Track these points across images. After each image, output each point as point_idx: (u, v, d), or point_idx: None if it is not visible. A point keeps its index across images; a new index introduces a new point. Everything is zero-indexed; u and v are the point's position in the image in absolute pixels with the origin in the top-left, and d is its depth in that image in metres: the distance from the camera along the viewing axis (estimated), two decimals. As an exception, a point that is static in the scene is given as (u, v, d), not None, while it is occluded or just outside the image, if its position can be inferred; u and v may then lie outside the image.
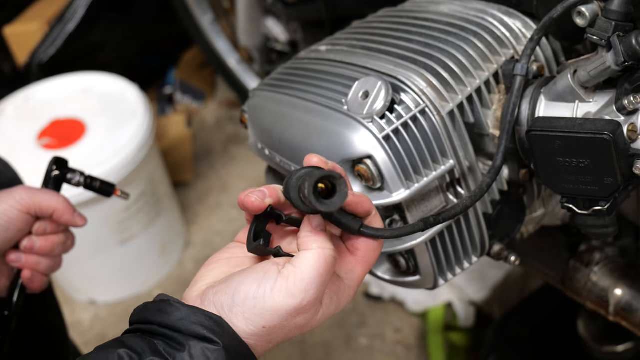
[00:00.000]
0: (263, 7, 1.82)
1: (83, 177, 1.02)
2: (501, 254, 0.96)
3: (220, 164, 2.34)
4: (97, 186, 1.04)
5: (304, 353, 1.72)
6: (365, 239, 0.71)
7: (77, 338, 1.88)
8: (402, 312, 1.77)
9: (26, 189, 0.94)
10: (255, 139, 1.01)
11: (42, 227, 0.96)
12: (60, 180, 1.01)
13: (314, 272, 0.66)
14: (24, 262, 0.96)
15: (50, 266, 0.98)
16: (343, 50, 0.98)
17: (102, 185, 1.04)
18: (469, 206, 0.80)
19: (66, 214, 0.96)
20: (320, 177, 0.65)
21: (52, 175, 1.00)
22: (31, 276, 0.96)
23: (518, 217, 0.97)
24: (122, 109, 1.86)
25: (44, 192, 0.96)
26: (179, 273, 2.01)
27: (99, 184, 1.04)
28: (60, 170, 1.01)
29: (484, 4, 0.96)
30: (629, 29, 0.79)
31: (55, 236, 0.97)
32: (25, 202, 0.93)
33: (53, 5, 2.33)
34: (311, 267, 0.66)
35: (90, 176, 1.03)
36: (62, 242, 0.98)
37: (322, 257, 0.67)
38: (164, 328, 0.67)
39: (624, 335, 1.25)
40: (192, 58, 2.60)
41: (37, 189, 0.96)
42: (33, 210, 0.94)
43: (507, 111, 0.84)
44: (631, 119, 0.79)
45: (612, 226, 0.86)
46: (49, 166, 1.01)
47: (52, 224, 0.96)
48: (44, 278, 0.98)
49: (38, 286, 0.98)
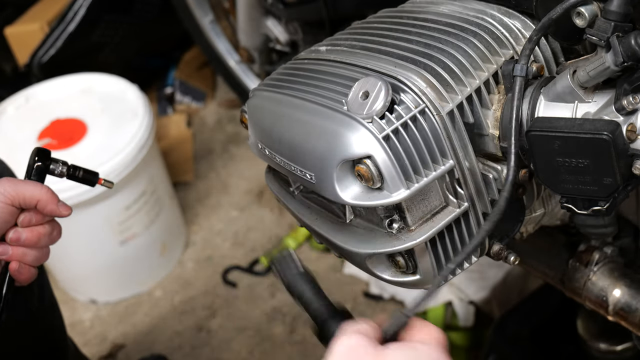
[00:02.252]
0: (263, 8, 1.82)
1: (66, 167, 1.01)
2: (501, 253, 0.96)
3: (220, 164, 2.34)
4: (80, 175, 1.03)
5: (304, 353, 1.72)
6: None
7: (77, 338, 1.88)
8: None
9: (9, 181, 0.95)
10: (255, 139, 1.01)
11: (27, 218, 0.96)
12: (42, 170, 1.00)
13: None
14: (11, 254, 0.96)
15: (37, 257, 0.98)
16: (343, 51, 0.98)
17: (85, 175, 1.03)
18: (489, 230, 0.80)
19: (50, 204, 0.95)
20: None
21: (34, 166, 1.00)
22: (19, 268, 0.96)
23: (518, 217, 0.97)
24: (123, 109, 1.87)
25: (27, 183, 0.96)
26: (179, 273, 2.01)
27: (82, 173, 1.03)
28: (42, 161, 1.00)
29: (484, 4, 0.96)
30: (628, 30, 0.79)
31: (41, 227, 0.97)
32: (8, 193, 0.93)
33: (54, 5, 2.33)
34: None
35: (73, 165, 1.02)
36: (48, 232, 0.98)
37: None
38: None
39: (623, 335, 1.25)
40: (192, 58, 2.60)
41: (20, 180, 0.97)
42: (17, 201, 0.94)
43: (511, 116, 0.84)
44: (630, 119, 0.80)
45: (611, 226, 0.87)
46: (30, 157, 1.00)
47: (37, 215, 0.96)
48: (31, 269, 0.98)
49: (26, 278, 0.98)
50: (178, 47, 2.62)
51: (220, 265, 2.00)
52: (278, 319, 1.82)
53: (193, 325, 1.86)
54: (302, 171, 0.90)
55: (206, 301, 1.91)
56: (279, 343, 1.77)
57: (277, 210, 2.12)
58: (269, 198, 2.16)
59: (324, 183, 0.87)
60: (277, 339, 1.78)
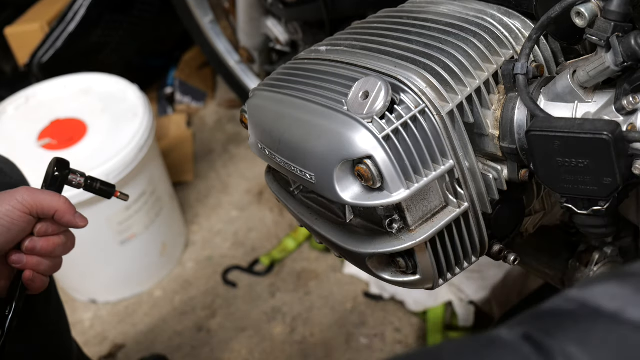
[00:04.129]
0: (263, 8, 1.83)
1: (83, 178, 1.02)
2: (501, 253, 0.96)
3: (220, 164, 2.34)
4: (97, 187, 1.04)
5: (304, 353, 1.72)
6: None
7: (77, 338, 1.88)
8: (402, 311, 1.77)
9: (28, 190, 0.95)
10: (256, 139, 1.01)
11: (43, 227, 0.96)
12: (61, 181, 1.01)
13: None
14: (25, 262, 0.96)
15: (51, 267, 0.98)
16: (343, 51, 0.98)
17: (102, 186, 1.04)
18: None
19: (67, 214, 0.96)
20: None
21: (53, 175, 1.00)
22: (32, 277, 0.97)
23: (518, 217, 0.97)
24: (123, 109, 1.87)
25: (46, 193, 0.96)
26: (179, 273, 2.01)
27: (99, 185, 1.04)
28: (60, 172, 1.01)
29: (484, 4, 0.96)
30: (628, 30, 0.79)
31: (57, 237, 0.98)
32: (27, 202, 0.93)
33: (54, 5, 2.33)
34: None
35: (91, 177, 1.03)
36: (63, 243, 0.99)
37: None
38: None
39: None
40: (192, 58, 2.60)
41: (38, 190, 0.97)
42: (35, 211, 0.94)
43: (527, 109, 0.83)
44: (630, 119, 0.80)
45: (611, 226, 0.87)
46: (49, 167, 1.01)
47: (54, 225, 0.97)
48: (44, 279, 0.99)
49: (39, 287, 0.98)
50: (178, 47, 2.62)
51: (220, 265, 2.00)
52: (278, 319, 1.82)
53: (193, 325, 1.86)
54: (302, 171, 0.90)
55: (206, 301, 1.91)
56: (279, 343, 1.77)
57: (277, 210, 2.12)
58: (269, 198, 2.16)
59: (324, 183, 0.87)
60: (277, 339, 1.78)
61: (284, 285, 1.91)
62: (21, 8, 2.37)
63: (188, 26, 2.23)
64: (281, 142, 0.94)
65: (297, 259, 1.97)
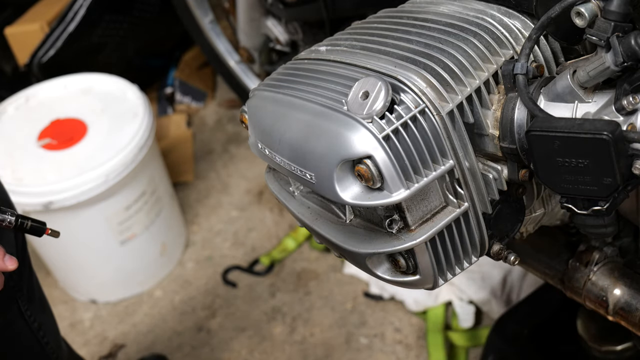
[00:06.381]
0: (263, 8, 1.83)
1: (14, 217, 0.99)
2: (501, 253, 0.96)
3: (220, 164, 2.34)
4: (28, 226, 1.00)
5: (304, 353, 1.72)
6: None
7: (77, 338, 1.88)
8: (402, 311, 1.77)
9: None
10: (255, 139, 1.01)
11: None
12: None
13: None
14: None
15: None
16: (343, 51, 0.98)
17: (34, 224, 1.01)
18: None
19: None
20: None
21: None
22: None
23: (517, 217, 0.97)
24: (123, 109, 1.87)
25: None
26: (179, 273, 2.01)
27: (29, 224, 1.00)
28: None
29: (484, 4, 0.96)
30: (628, 30, 0.79)
31: None
32: None
33: (54, 6, 2.33)
34: None
35: (22, 215, 1.00)
36: None
37: None
38: None
39: (623, 335, 1.25)
40: (192, 58, 2.60)
41: None
42: None
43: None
44: (630, 119, 0.80)
45: (611, 226, 0.86)
46: None
47: None
48: None
49: None
50: (178, 47, 2.62)
51: (220, 265, 2.00)
52: (278, 319, 1.82)
53: (193, 325, 1.86)
54: (302, 171, 0.90)
55: (206, 301, 1.91)
56: (279, 343, 1.77)
57: (277, 210, 2.12)
58: (269, 198, 2.16)
59: (324, 183, 0.87)
60: (277, 339, 1.78)
61: (284, 285, 1.91)
62: (21, 8, 2.37)
63: (188, 26, 2.23)
64: (281, 142, 0.94)
65: (297, 259, 1.97)
